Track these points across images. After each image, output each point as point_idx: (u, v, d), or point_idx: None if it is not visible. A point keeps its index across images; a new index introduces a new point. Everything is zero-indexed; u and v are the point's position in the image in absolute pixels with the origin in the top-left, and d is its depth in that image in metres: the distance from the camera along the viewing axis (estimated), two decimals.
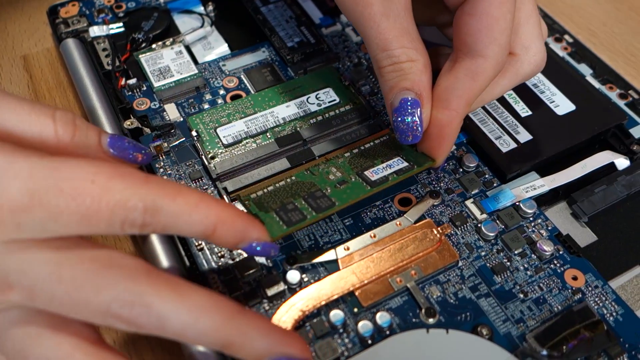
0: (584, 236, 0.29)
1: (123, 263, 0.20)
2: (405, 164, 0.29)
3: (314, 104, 0.33)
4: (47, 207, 0.19)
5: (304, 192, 0.28)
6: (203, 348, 0.24)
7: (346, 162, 0.29)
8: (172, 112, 0.33)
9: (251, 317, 0.21)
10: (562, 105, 0.33)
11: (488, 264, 0.27)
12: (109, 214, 0.20)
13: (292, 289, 0.26)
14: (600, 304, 0.26)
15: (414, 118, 0.26)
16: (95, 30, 0.38)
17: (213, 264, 0.27)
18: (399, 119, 0.26)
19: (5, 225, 0.19)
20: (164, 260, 0.26)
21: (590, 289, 0.27)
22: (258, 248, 0.22)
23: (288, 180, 0.29)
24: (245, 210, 0.27)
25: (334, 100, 0.33)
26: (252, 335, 0.20)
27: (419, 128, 0.26)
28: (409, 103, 0.26)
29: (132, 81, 0.34)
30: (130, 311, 0.19)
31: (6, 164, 0.19)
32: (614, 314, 0.26)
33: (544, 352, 0.24)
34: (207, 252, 0.27)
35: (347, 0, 0.27)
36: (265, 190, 0.28)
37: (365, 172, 0.28)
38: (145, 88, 0.35)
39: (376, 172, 0.28)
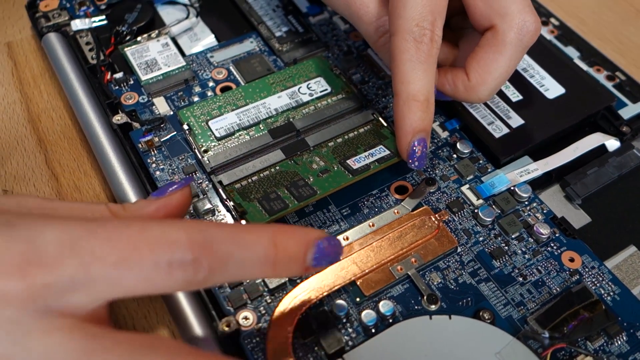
0: (578, 218, 0.29)
1: (162, 343, 0.18)
2: (387, 152, 0.29)
3: (305, 94, 0.32)
4: (79, 252, 0.17)
5: (287, 182, 0.28)
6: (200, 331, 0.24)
7: (330, 151, 0.30)
8: (161, 106, 0.33)
9: None
10: (551, 89, 0.33)
11: (486, 249, 0.28)
12: (149, 250, 0.18)
13: (294, 281, 0.26)
14: (598, 285, 0.26)
15: (424, 151, 0.27)
16: (77, 24, 0.37)
17: None
18: (414, 160, 0.28)
19: (33, 287, 0.17)
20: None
21: (587, 270, 0.27)
22: (327, 243, 0.21)
23: (272, 170, 0.29)
24: (231, 202, 0.28)
25: (326, 89, 0.33)
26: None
27: (426, 156, 0.28)
28: (419, 143, 0.27)
29: (119, 75, 0.34)
30: None
31: (42, 224, 0.18)
32: (611, 293, 0.26)
33: (546, 334, 0.24)
34: None
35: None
36: (249, 180, 0.28)
37: (348, 161, 0.29)
38: (132, 82, 0.34)
39: (358, 161, 0.29)
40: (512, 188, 0.29)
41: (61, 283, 0.17)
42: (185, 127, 0.31)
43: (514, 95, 0.33)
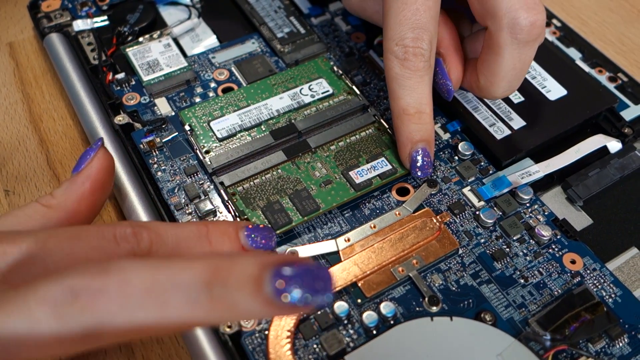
0: (580, 220, 0.29)
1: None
2: (389, 166, 0.29)
3: (307, 95, 0.32)
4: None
5: (290, 190, 0.28)
6: (207, 344, 0.24)
7: (332, 156, 0.30)
8: (163, 107, 0.33)
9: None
10: (553, 90, 0.33)
11: (488, 251, 0.28)
12: (95, 229, 0.21)
13: None
14: (599, 286, 0.26)
15: (425, 160, 0.28)
16: (79, 24, 0.37)
17: None
18: (416, 170, 0.29)
19: None
20: None
21: (588, 272, 0.27)
22: (256, 225, 0.23)
23: (274, 173, 0.29)
24: (232, 206, 0.28)
25: (327, 91, 0.33)
26: (237, 255, 0.18)
27: (431, 164, 0.29)
28: (420, 153, 0.28)
29: (120, 76, 0.34)
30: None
31: None
32: (613, 295, 0.26)
33: (547, 336, 0.24)
34: None
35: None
36: (251, 183, 0.29)
37: (350, 173, 0.29)
38: (134, 82, 0.34)
39: (360, 174, 0.29)
40: (513, 190, 0.29)
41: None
42: (187, 127, 0.31)
43: (516, 97, 0.33)
